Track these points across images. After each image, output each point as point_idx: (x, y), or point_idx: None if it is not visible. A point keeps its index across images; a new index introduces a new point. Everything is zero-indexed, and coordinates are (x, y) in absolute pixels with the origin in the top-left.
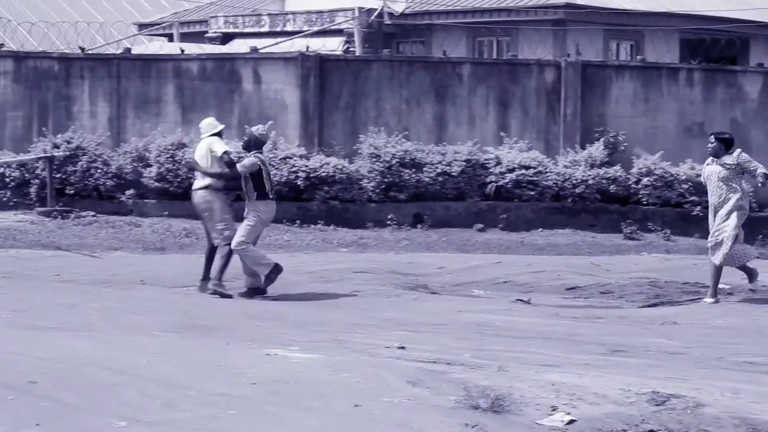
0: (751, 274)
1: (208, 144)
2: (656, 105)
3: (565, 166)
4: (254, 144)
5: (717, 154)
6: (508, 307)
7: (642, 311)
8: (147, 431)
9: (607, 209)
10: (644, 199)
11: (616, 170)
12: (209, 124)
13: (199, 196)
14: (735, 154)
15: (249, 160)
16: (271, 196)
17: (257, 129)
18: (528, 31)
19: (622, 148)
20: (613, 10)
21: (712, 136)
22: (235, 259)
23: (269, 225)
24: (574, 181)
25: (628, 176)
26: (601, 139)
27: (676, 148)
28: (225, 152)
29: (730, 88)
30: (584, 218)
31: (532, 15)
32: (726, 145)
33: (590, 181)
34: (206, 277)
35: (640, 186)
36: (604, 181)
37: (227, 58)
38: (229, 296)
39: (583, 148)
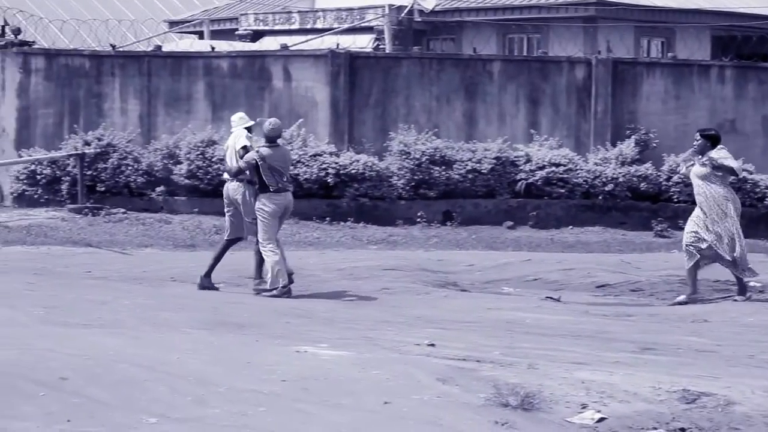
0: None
1: (235, 137)
2: (687, 102)
3: (596, 164)
4: (267, 139)
5: (702, 152)
6: (538, 305)
7: (672, 309)
8: (177, 428)
9: (637, 207)
10: (675, 197)
11: (646, 168)
12: (240, 118)
13: (231, 189)
14: (716, 151)
15: (249, 154)
16: (272, 189)
17: (266, 124)
18: (558, 28)
19: (654, 145)
20: (644, 6)
21: (698, 134)
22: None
23: (287, 217)
24: (605, 179)
25: (658, 174)
26: (632, 137)
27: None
28: (242, 147)
29: (762, 85)
30: (614, 216)
31: (562, 12)
32: (712, 142)
33: (621, 179)
34: (258, 276)
35: (670, 183)
36: (634, 179)
37: (257, 56)
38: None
39: (613, 145)
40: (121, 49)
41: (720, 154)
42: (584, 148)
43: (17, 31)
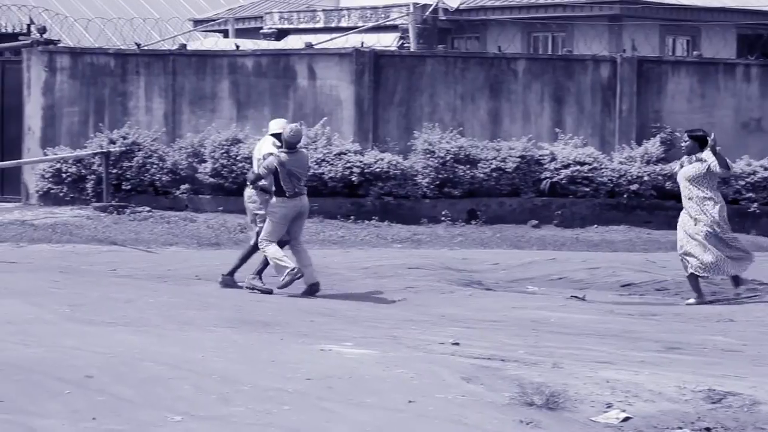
0: (738, 281)
1: (261, 144)
2: (713, 101)
3: (621, 163)
4: (286, 144)
5: (691, 153)
6: (563, 304)
7: (698, 308)
8: (202, 426)
9: (662, 206)
10: None
11: (672, 167)
12: (275, 123)
13: (246, 196)
14: (705, 152)
15: (269, 159)
16: (287, 194)
17: (287, 129)
18: (583, 26)
19: (682, 145)
20: (670, 5)
21: (686, 134)
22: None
23: (304, 219)
24: (630, 178)
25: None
26: (658, 136)
27: (732, 144)
28: (265, 154)
29: None
30: (640, 215)
31: (587, 10)
32: (700, 143)
33: (646, 178)
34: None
35: None
36: (660, 178)
37: (282, 54)
38: (269, 291)
39: (638, 144)
40: (146, 48)
41: (708, 155)
42: (609, 146)
43: (42, 30)
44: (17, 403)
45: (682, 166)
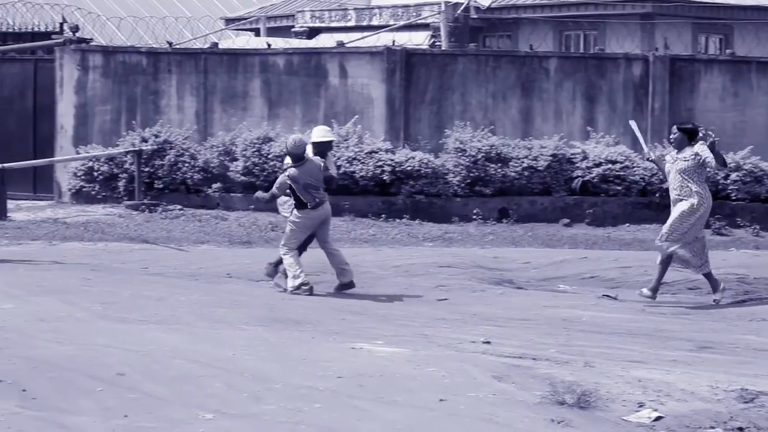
0: (716, 285)
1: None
2: (745, 99)
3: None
4: (291, 157)
5: (680, 146)
6: (594, 303)
7: (730, 307)
8: (233, 424)
9: None
10: (733, 195)
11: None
12: (315, 131)
13: (278, 203)
14: (696, 146)
15: (279, 179)
16: (310, 206)
17: (290, 142)
18: (616, 25)
19: (671, 138)
20: (702, 3)
21: (674, 127)
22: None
23: (328, 224)
24: (662, 176)
25: (716, 172)
26: None
27: (765, 142)
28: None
29: None
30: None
31: (619, 8)
32: (689, 136)
33: None
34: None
35: (728, 181)
36: None
37: (313, 53)
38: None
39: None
40: (177, 47)
41: (702, 149)
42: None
43: (75, 29)
44: (50, 401)
45: (667, 161)
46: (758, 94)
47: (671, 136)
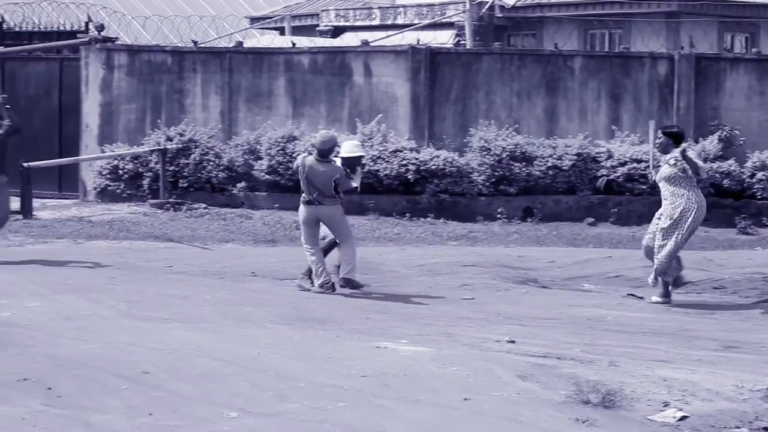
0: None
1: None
2: None
3: None
4: (317, 151)
5: (666, 151)
6: (619, 302)
7: (756, 307)
8: (258, 422)
9: (720, 204)
10: (758, 194)
11: (729, 164)
12: (344, 145)
13: None
14: (680, 150)
15: (297, 159)
16: (302, 199)
17: (318, 136)
18: (641, 23)
19: (740, 143)
20: (728, 1)
21: (660, 131)
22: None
23: (332, 225)
24: None
25: (742, 170)
26: (716, 134)
27: None
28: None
29: None
30: None
31: (645, 7)
32: (674, 139)
33: (703, 176)
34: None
35: (754, 180)
36: (717, 176)
37: (338, 52)
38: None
39: (696, 141)
40: (202, 46)
41: (688, 152)
42: None
43: (100, 28)
44: (75, 399)
45: (659, 165)
46: None
47: (656, 141)
